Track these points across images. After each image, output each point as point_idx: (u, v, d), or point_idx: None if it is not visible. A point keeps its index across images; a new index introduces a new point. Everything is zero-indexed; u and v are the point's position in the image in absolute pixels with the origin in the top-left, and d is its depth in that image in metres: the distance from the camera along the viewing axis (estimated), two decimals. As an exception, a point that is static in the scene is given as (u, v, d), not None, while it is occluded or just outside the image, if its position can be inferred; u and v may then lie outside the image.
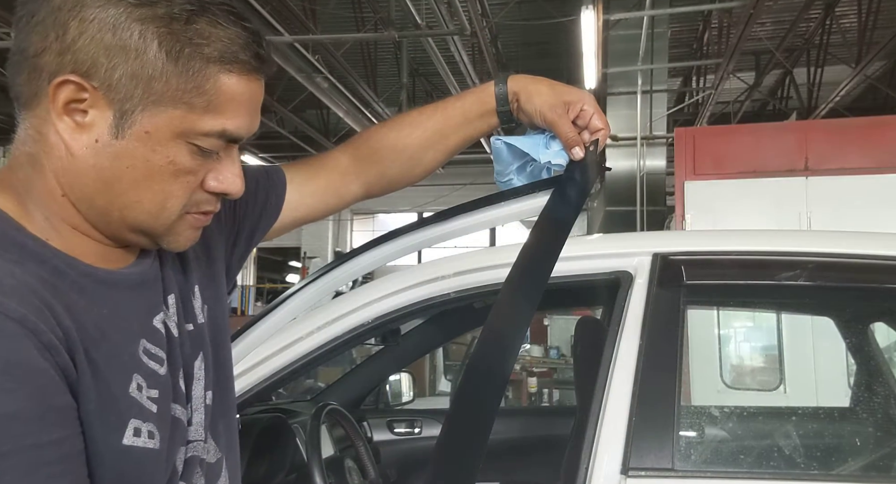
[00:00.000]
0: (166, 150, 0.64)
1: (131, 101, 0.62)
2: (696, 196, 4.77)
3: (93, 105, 0.62)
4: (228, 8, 0.65)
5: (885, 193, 4.39)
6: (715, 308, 3.52)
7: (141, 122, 0.63)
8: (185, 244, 0.72)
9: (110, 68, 0.61)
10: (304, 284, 1.35)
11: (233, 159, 0.70)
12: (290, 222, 0.99)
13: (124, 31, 0.61)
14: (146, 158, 0.64)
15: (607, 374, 1.23)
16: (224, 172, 0.70)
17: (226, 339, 0.85)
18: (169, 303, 0.75)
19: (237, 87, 0.66)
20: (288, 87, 9.37)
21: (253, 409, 1.94)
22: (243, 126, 0.68)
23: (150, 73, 0.62)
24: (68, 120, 0.63)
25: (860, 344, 1.96)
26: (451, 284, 1.38)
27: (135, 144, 0.64)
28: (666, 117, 8.29)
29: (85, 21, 0.60)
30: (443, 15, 6.38)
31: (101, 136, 0.63)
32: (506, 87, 1.01)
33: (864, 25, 8.03)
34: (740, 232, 1.72)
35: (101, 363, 0.62)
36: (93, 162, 0.64)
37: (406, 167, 1.05)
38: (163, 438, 0.66)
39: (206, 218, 0.73)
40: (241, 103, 0.67)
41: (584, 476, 1.15)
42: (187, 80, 0.63)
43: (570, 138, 0.99)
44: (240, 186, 0.71)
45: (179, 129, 0.64)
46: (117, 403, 0.62)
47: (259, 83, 0.68)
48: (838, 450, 1.82)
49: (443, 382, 8.93)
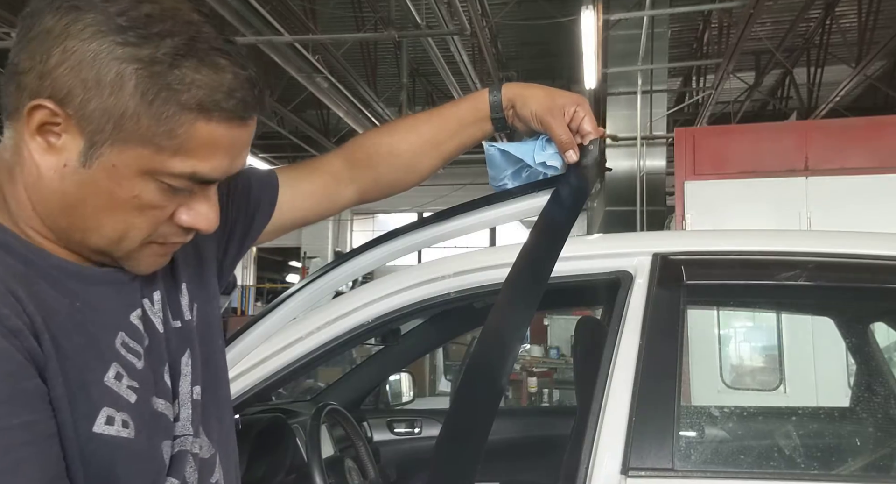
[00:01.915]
0: (132, 185, 0.64)
1: (101, 135, 0.62)
2: (696, 196, 4.77)
3: (65, 130, 0.63)
4: (221, 51, 0.64)
5: (885, 193, 4.39)
6: (715, 308, 3.52)
7: (108, 156, 0.63)
8: (147, 269, 0.72)
9: (85, 100, 0.61)
10: (304, 284, 1.35)
11: (207, 196, 0.70)
12: (282, 225, 0.99)
13: (102, 68, 0.60)
14: (110, 190, 0.64)
15: (607, 374, 1.23)
16: (196, 208, 0.69)
17: (216, 336, 0.86)
18: (154, 299, 0.75)
19: (215, 133, 0.64)
20: (288, 87, 9.38)
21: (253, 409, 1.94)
22: (219, 168, 0.67)
23: (122, 112, 0.61)
24: (40, 140, 0.63)
25: (860, 344, 1.96)
26: (451, 284, 1.38)
27: (100, 175, 0.64)
28: (666, 117, 8.29)
29: (67, 51, 0.61)
30: (443, 15, 6.38)
31: (69, 162, 0.63)
32: (500, 94, 1.02)
33: (864, 25, 8.03)
34: (740, 232, 1.71)
35: (70, 350, 0.63)
36: (58, 185, 0.64)
37: (400, 173, 1.05)
38: (139, 429, 0.66)
39: (172, 247, 0.73)
40: (218, 148, 0.66)
41: (584, 476, 1.15)
42: (159, 124, 0.62)
43: (565, 141, 1.00)
44: (212, 224, 0.71)
45: (146, 168, 0.64)
46: (89, 391, 0.63)
47: (243, 128, 0.67)
48: (838, 450, 1.82)
49: (443, 382, 8.93)
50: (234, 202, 0.91)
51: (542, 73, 10.39)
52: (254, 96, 0.66)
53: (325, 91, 7.82)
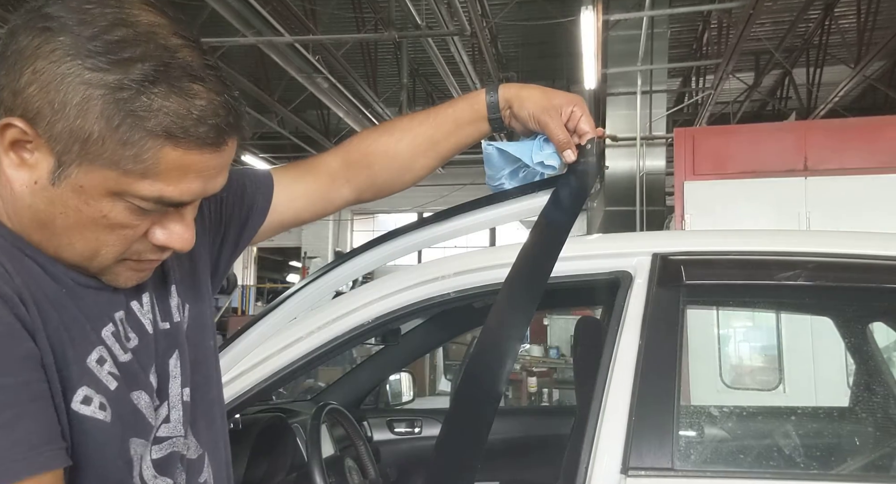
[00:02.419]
0: (99, 205, 0.64)
1: (69, 155, 0.62)
2: (696, 196, 4.77)
3: (37, 148, 0.63)
4: (195, 77, 0.63)
5: (884, 193, 4.39)
6: (715, 308, 3.52)
7: (76, 176, 0.63)
8: (126, 284, 0.72)
9: (52, 121, 0.61)
10: (304, 284, 1.35)
11: (181, 215, 0.69)
12: (278, 224, 0.99)
13: (69, 91, 0.60)
14: (78, 209, 0.64)
15: (607, 374, 1.23)
16: (170, 228, 0.69)
17: (208, 337, 0.86)
18: (143, 301, 0.76)
19: (185, 158, 0.63)
20: (288, 87, 9.38)
21: (253, 409, 1.94)
22: (188, 192, 0.66)
23: (87, 135, 0.61)
24: (14, 156, 0.64)
25: (859, 344, 1.97)
26: (451, 283, 1.38)
27: (69, 195, 0.64)
28: (665, 117, 8.30)
29: (37, 72, 0.61)
30: (443, 15, 6.38)
31: (40, 179, 0.64)
32: (497, 95, 1.02)
33: (864, 26, 8.04)
34: (740, 232, 1.71)
35: (56, 326, 0.63)
36: (29, 202, 0.65)
37: (397, 173, 1.05)
38: (114, 417, 0.67)
39: (148, 265, 0.72)
40: (188, 173, 0.65)
41: (584, 476, 1.15)
42: (125, 148, 0.62)
43: (562, 141, 1.00)
44: (186, 243, 0.70)
45: (114, 189, 0.64)
46: (70, 368, 0.64)
47: (217, 153, 0.66)
48: (838, 449, 1.82)
49: (443, 382, 8.94)
50: (228, 202, 0.91)
51: (542, 74, 10.39)
52: (229, 122, 0.65)
53: (325, 91, 7.83)
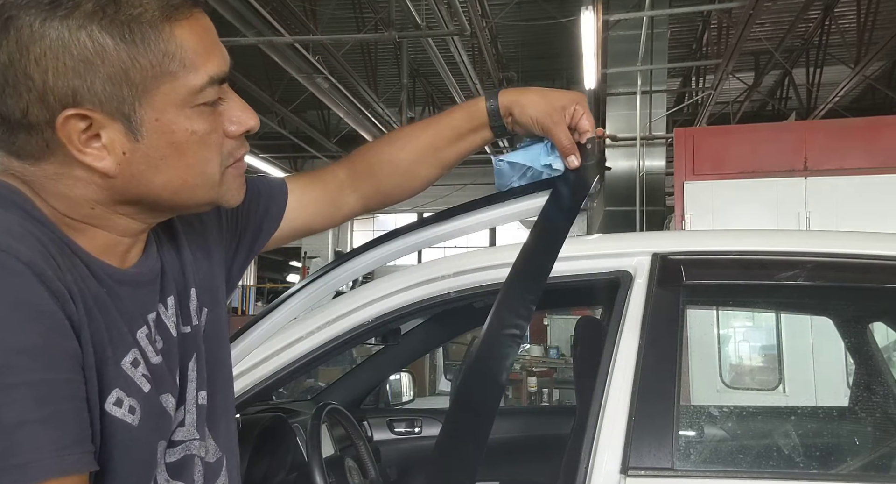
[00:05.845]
0: (182, 125, 0.66)
1: (126, 102, 0.63)
2: (696, 196, 4.77)
3: (101, 126, 0.63)
4: None
5: (884, 193, 4.39)
6: (714, 308, 3.52)
7: (147, 114, 0.64)
8: (239, 196, 0.75)
9: (90, 84, 0.61)
10: (304, 284, 1.35)
11: (231, 96, 0.71)
12: (290, 232, 1.00)
13: (76, 46, 0.60)
14: (171, 142, 0.66)
15: (607, 374, 1.23)
16: (234, 112, 0.71)
17: (224, 341, 0.86)
18: (168, 304, 0.76)
19: (192, 30, 0.65)
20: (288, 87, 9.39)
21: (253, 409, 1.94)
22: (219, 60, 0.68)
23: (122, 65, 0.62)
24: (90, 150, 0.63)
25: (859, 344, 1.97)
26: (451, 284, 1.39)
27: (156, 137, 0.65)
28: (665, 117, 8.30)
29: (40, 58, 0.60)
30: (443, 15, 6.39)
31: (124, 147, 0.64)
32: (497, 102, 1.02)
33: (863, 26, 8.04)
34: (740, 232, 1.71)
35: (97, 325, 0.63)
36: (130, 172, 0.65)
37: (401, 181, 1.07)
38: (143, 419, 0.66)
39: (243, 164, 0.75)
40: (205, 42, 0.67)
41: (584, 476, 1.16)
42: (154, 54, 0.63)
43: (566, 147, 1.01)
44: (253, 115, 0.73)
45: (179, 101, 0.65)
46: (107, 368, 0.63)
47: (203, 17, 0.68)
48: (837, 449, 1.82)
49: (443, 382, 8.94)
50: (243, 208, 0.91)
51: (542, 74, 10.40)
52: None
53: (325, 91, 7.83)
